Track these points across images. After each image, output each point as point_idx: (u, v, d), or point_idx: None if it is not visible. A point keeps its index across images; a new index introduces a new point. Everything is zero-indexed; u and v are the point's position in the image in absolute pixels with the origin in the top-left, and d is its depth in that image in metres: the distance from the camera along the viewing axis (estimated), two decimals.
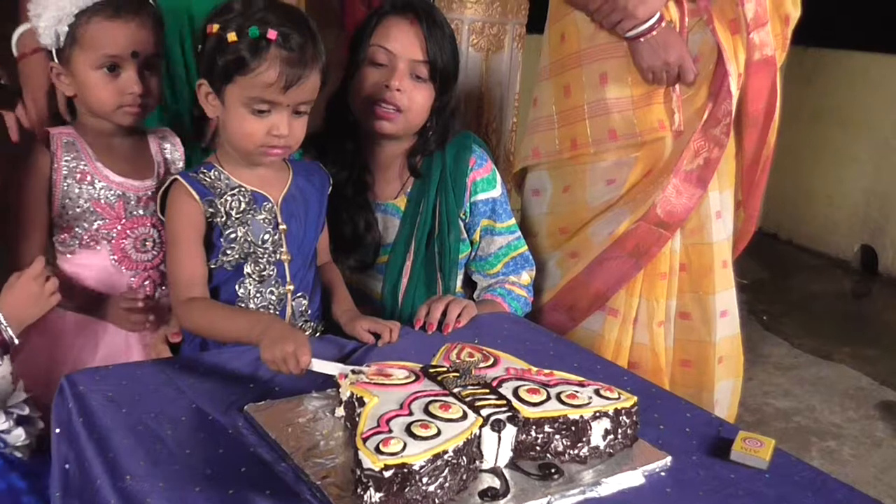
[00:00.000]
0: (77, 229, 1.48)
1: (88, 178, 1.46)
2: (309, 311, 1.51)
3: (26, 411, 1.25)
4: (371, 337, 1.44)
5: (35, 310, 1.26)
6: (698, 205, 1.79)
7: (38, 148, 1.44)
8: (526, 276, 1.83)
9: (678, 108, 1.78)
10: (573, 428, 1.07)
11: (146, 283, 1.55)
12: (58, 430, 1.13)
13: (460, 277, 1.81)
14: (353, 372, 1.14)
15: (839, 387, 3.08)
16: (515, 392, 1.09)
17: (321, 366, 1.18)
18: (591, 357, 1.50)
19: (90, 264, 1.50)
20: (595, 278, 1.82)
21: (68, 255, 1.49)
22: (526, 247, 1.85)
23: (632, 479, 1.05)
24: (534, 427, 1.06)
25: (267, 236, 1.43)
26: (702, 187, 1.76)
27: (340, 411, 1.14)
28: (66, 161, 1.45)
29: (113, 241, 1.50)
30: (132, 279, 1.54)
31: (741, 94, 1.77)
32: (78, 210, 1.46)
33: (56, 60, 1.43)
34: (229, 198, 1.40)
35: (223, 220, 1.39)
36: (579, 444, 1.07)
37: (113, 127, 1.48)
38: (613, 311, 1.85)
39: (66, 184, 1.45)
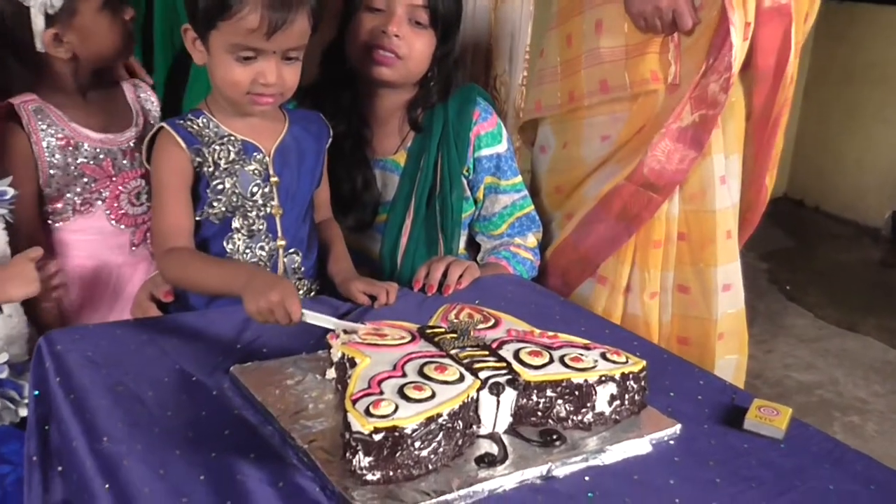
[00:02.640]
0: (69, 195, 1.49)
1: (71, 143, 1.46)
2: (303, 269, 1.51)
3: (4, 374, 1.26)
4: (367, 298, 1.44)
5: (20, 291, 1.27)
6: (696, 167, 1.73)
7: (10, 128, 1.43)
8: (532, 238, 1.82)
9: (675, 60, 1.71)
10: (577, 393, 1.06)
11: (147, 236, 1.57)
12: (36, 392, 1.13)
13: (463, 238, 1.81)
14: (346, 332, 1.14)
15: (864, 360, 3.07)
16: (516, 354, 1.09)
17: (314, 318, 1.17)
18: (599, 321, 1.50)
19: (87, 228, 1.52)
20: (582, 241, 1.80)
21: (61, 224, 1.50)
22: (532, 207, 1.84)
23: (638, 446, 1.05)
24: (535, 391, 1.06)
25: (256, 188, 1.43)
26: (696, 148, 1.70)
27: (331, 373, 1.14)
28: (43, 131, 1.44)
29: (107, 201, 1.51)
30: (132, 235, 1.56)
31: (751, 47, 1.69)
32: (68, 177, 1.47)
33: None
34: (218, 147, 1.40)
35: (210, 170, 1.39)
36: (583, 410, 1.07)
37: (83, 81, 1.47)
38: (602, 278, 1.83)
39: (49, 154, 1.45)
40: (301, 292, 1.51)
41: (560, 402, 1.07)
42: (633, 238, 1.77)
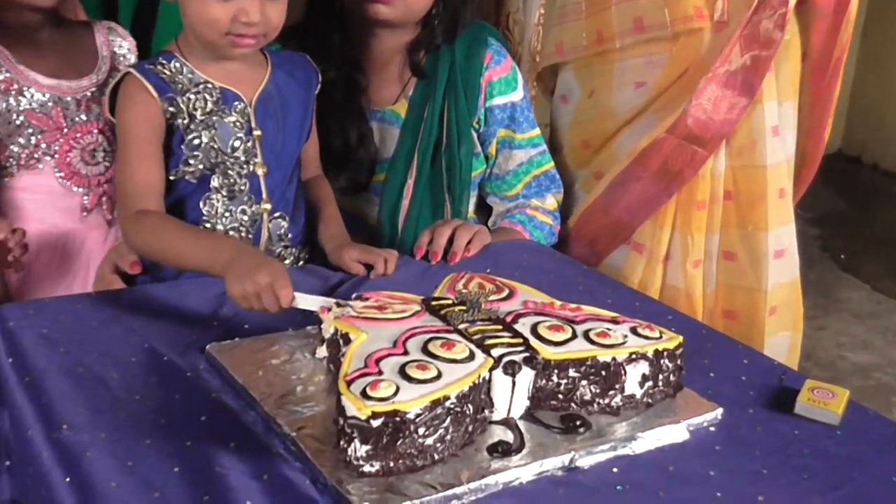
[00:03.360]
0: (13, 147, 1.47)
1: (14, 87, 1.45)
2: (289, 236, 1.51)
3: None
4: (361, 268, 1.45)
5: None
6: (745, 117, 1.72)
7: None
8: (551, 200, 1.82)
9: None
10: (604, 372, 1.06)
11: (103, 200, 1.56)
12: None
13: (473, 200, 1.81)
14: (339, 304, 1.14)
15: None
16: (534, 329, 1.08)
17: (307, 301, 1.17)
18: (628, 293, 1.50)
19: (35, 186, 1.51)
20: (615, 204, 1.79)
21: (7, 180, 1.50)
22: (552, 164, 1.84)
23: (674, 433, 1.05)
24: (555, 371, 1.05)
25: (238, 143, 1.42)
26: (747, 94, 1.69)
27: (322, 351, 1.14)
28: None
29: (56, 156, 1.50)
30: (85, 198, 1.55)
31: None
32: (10, 126, 1.45)
33: None
34: (193, 96, 1.39)
35: (185, 122, 1.38)
36: (611, 392, 1.07)
37: (38, 18, 1.45)
38: (638, 245, 1.82)
39: None
40: (288, 262, 1.51)
41: (584, 383, 1.06)
42: (674, 198, 1.77)
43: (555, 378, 1.06)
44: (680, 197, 1.77)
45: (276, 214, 1.48)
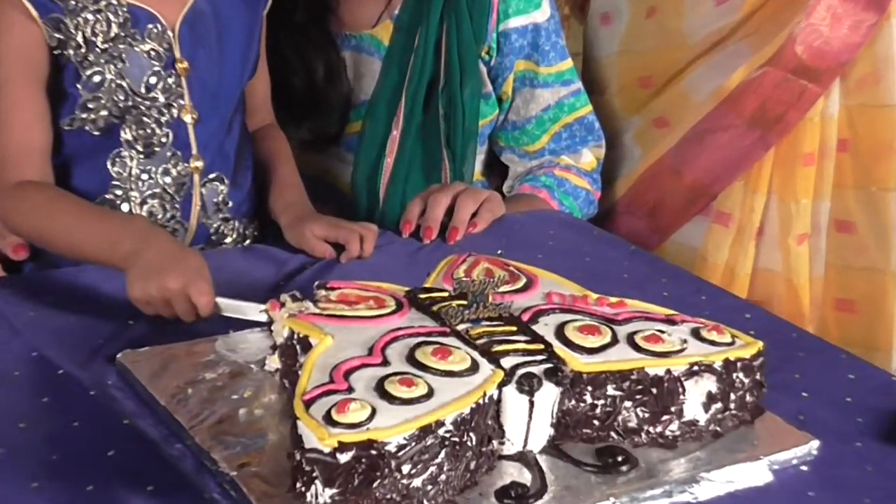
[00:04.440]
0: None
1: None
2: (230, 205, 1.52)
3: None
4: (328, 248, 1.46)
5: None
6: (870, 40, 1.73)
7: None
8: (589, 157, 1.83)
9: None
10: (655, 390, 1.05)
11: None
12: None
13: (481, 157, 1.83)
14: (295, 298, 1.14)
15: None
16: (560, 331, 1.08)
17: (232, 308, 1.20)
18: (692, 281, 1.51)
19: None
20: (691, 161, 1.81)
21: None
22: (589, 108, 1.85)
23: (751, 474, 1.04)
24: (589, 388, 1.05)
25: (155, 80, 1.43)
26: (876, 9, 1.71)
27: (273, 361, 1.15)
28: None
29: None
30: None
31: None
32: None
33: None
34: (90, 16, 1.40)
35: (81, 53, 1.39)
36: (664, 418, 1.06)
37: None
38: (723, 215, 1.85)
39: None
40: (229, 240, 1.52)
41: (628, 404, 1.05)
42: (771, 152, 1.78)
43: (588, 398, 1.05)
44: (779, 150, 1.79)
45: (212, 176, 1.49)
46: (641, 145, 1.90)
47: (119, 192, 1.45)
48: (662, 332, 1.10)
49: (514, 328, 1.09)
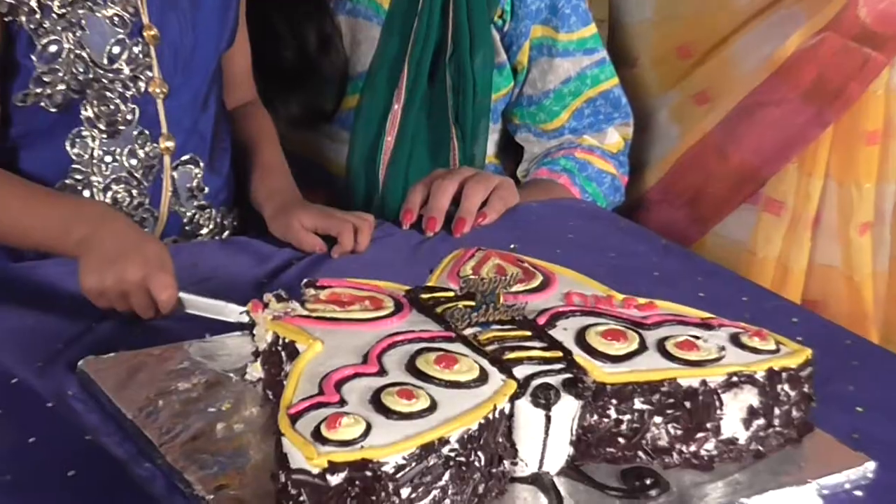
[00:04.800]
0: None
1: None
2: (206, 191, 1.52)
3: None
4: (319, 241, 1.45)
5: None
6: None
7: None
8: (615, 136, 1.81)
9: None
10: (688, 404, 1.04)
11: None
12: None
13: (494, 137, 1.81)
14: (280, 298, 1.13)
15: None
16: (581, 336, 1.07)
17: (201, 306, 1.20)
18: (732, 279, 1.50)
19: None
20: (738, 141, 1.80)
21: None
22: (616, 80, 1.84)
23: (798, 500, 1.03)
24: (614, 401, 1.03)
25: (119, 49, 1.42)
26: None
27: (255, 370, 1.14)
28: None
29: None
30: None
31: None
32: None
33: None
34: None
35: (35, 18, 1.38)
36: (700, 435, 1.05)
37: None
38: (774, 203, 1.84)
39: None
40: (205, 232, 1.52)
41: (658, 420, 1.04)
42: (829, 130, 1.77)
43: (612, 412, 1.04)
44: (838, 127, 1.78)
45: (185, 158, 1.49)
46: (679, 123, 1.89)
47: (79, 177, 1.44)
48: (697, 337, 1.09)
49: (529, 333, 1.08)
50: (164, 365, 1.17)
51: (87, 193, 1.46)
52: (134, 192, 1.45)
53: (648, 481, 1.02)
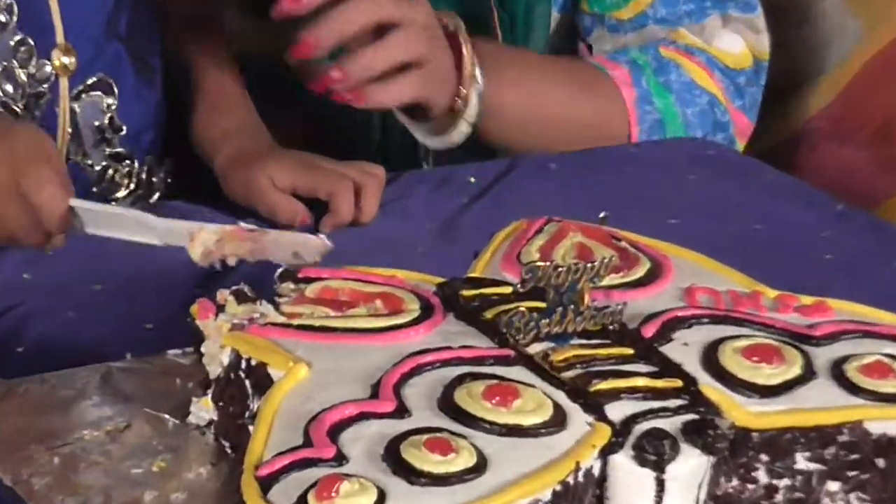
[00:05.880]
0: None
1: None
2: (123, 132, 1.40)
3: None
4: (299, 207, 1.39)
5: None
6: None
7: None
8: (736, 42, 1.71)
9: None
10: (882, 462, 0.93)
11: None
12: None
13: (551, 25, 1.67)
14: (242, 297, 1.00)
15: None
16: (711, 355, 0.95)
17: (111, 221, 1.10)
18: None
19: None
20: None
21: None
22: None
23: None
24: (765, 456, 0.91)
25: None
26: None
27: (204, 408, 1.01)
28: None
29: None
30: None
31: None
32: None
33: None
34: None
35: None
36: None
37: None
38: None
39: None
40: (123, 192, 1.42)
41: (835, 486, 0.92)
42: None
43: (763, 474, 0.91)
44: None
45: (91, 81, 1.39)
46: (861, 15, 1.75)
47: None
48: (893, 358, 0.96)
49: (630, 351, 0.96)
50: (59, 397, 1.02)
51: None
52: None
53: None
